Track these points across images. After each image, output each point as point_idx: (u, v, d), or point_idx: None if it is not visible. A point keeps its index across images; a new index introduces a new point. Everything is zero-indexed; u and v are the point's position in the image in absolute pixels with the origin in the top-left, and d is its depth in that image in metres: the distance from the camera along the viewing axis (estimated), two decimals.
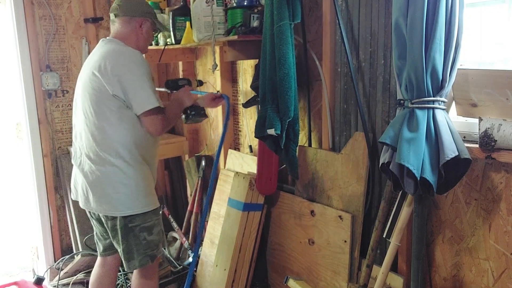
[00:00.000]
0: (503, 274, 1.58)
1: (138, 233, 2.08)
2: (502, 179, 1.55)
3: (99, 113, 2.00)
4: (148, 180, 2.11)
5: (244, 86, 2.70)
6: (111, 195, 2.03)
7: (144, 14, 2.12)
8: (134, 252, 2.10)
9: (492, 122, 1.46)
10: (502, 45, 1.62)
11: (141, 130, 2.05)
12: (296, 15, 1.97)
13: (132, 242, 2.08)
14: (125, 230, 2.07)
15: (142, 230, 2.08)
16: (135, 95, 1.97)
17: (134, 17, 2.10)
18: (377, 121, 1.90)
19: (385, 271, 1.73)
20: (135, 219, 2.06)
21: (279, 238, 2.41)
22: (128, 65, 1.98)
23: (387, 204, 1.82)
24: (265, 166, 2.36)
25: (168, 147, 3.24)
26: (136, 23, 2.10)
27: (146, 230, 2.09)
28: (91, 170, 2.05)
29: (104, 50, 2.05)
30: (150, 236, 2.11)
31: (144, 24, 2.12)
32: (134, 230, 2.07)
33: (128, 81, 1.96)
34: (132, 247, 2.09)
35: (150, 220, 2.10)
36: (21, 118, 3.12)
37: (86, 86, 2.04)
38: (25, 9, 2.97)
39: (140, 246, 2.09)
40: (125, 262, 2.14)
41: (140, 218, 2.07)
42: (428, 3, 1.41)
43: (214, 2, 2.28)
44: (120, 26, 2.11)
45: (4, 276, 3.28)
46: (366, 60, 1.91)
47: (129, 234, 2.07)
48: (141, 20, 2.11)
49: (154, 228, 2.12)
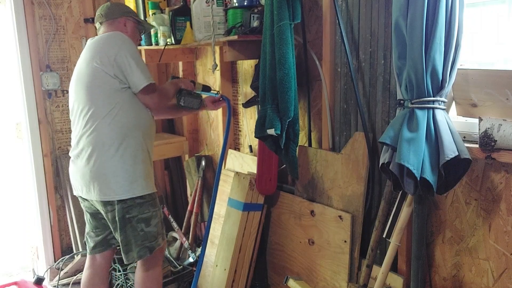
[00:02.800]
0: (503, 274, 1.58)
1: (136, 224, 2.11)
2: (502, 179, 1.55)
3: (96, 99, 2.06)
4: (146, 163, 2.15)
5: (244, 86, 2.70)
6: (111, 180, 2.06)
7: (125, 14, 2.25)
8: (132, 243, 2.13)
9: (492, 122, 1.46)
10: (502, 45, 1.62)
11: (140, 113, 2.13)
12: (296, 15, 1.97)
13: (129, 233, 2.11)
14: (123, 221, 2.10)
15: (139, 221, 2.11)
16: (132, 73, 2.06)
17: (116, 18, 2.23)
18: (377, 121, 1.90)
19: (385, 271, 1.73)
20: (132, 210, 2.10)
21: (279, 238, 2.41)
22: (119, 45, 2.08)
23: (387, 204, 1.82)
24: (265, 166, 2.36)
25: (168, 147, 3.24)
26: (119, 23, 2.23)
27: (144, 221, 2.12)
28: (89, 158, 2.08)
29: (94, 41, 2.15)
30: (148, 228, 2.13)
31: (128, 23, 2.25)
32: (131, 221, 2.10)
33: (122, 60, 2.04)
34: (130, 239, 2.12)
35: (148, 211, 2.13)
36: (21, 118, 3.12)
37: (82, 76, 2.10)
38: (25, 9, 2.97)
39: (137, 238, 2.12)
40: (124, 255, 2.17)
41: (136, 209, 2.10)
42: (428, 3, 1.41)
43: (214, 2, 2.28)
44: (105, 30, 2.23)
45: (4, 276, 3.27)
46: (366, 60, 1.91)
47: (126, 225, 2.10)
48: (123, 20, 2.24)
49: (151, 220, 2.15)
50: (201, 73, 3.13)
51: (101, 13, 2.24)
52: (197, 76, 3.18)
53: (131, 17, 2.27)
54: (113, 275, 2.84)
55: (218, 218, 2.69)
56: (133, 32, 2.27)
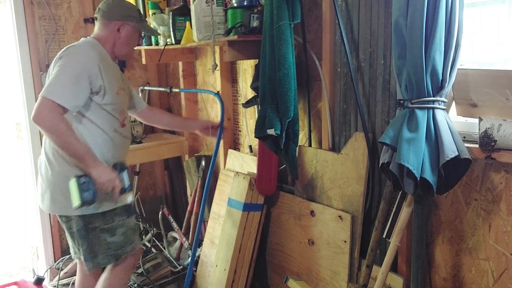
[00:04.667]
0: (503, 274, 1.58)
1: (99, 233, 2.01)
2: (502, 179, 1.54)
3: None
4: None
5: (244, 86, 2.70)
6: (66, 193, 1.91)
7: (123, 18, 2.06)
8: (97, 251, 2.03)
9: (492, 122, 1.46)
10: (502, 45, 1.61)
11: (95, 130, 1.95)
12: (296, 15, 1.97)
13: (93, 242, 2.01)
14: (85, 231, 2.00)
15: (102, 232, 2.01)
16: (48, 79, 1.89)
17: (111, 21, 2.05)
18: (377, 121, 1.90)
19: (385, 271, 1.72)
20: (94, 221, 1.99)
21: (279, 238, 2.41)
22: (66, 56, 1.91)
23: (387, 204, 1.82)
24: (265, 166, 2.36)
25: (168, 147, 3.24)
26: (113, 27, 2.05)
27: (107, 231, 2.02)
28: (46, 169, 2.01)
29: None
30: (112, 238, 2.03)
31: (123, 28, 2.06)
32: (94, 231, 2.00)
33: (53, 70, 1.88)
34: (94, 247, 2.02)
35: (112, 221, 2.02)
36: (21, 118, 3.12)
37: None
38: (25, 9, 2.97)
39: (101, 247, 2.02)
40: (86, 263, 2.05)
41: (99, 220, 2.00)
42: (428, 3, 1.41)
43: (214, 2, 2.28)
44: (98, 29, 2.09)
45: (4, 276, 3.27)
46: (366, 60, 1.90)
47: (89, 234, 2.00)
48: (119, 24, 2.05)
49: (117, 230, 2.04)
50: (201, 73, 3.13)
51: (101, 7, 2.09)
52: (197, 76, 3.18)
53: (131, 21, 2.08)
54: None
55: (218, 218, 2.69)
56: (128, 38, 2.09)
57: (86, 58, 1.91)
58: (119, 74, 2.12)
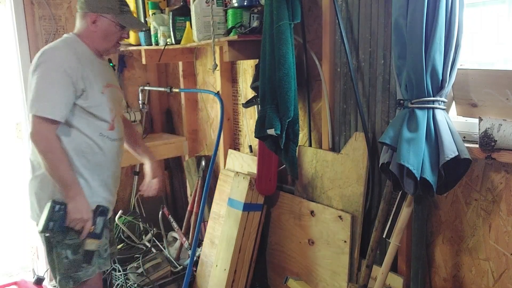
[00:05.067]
0: (503, 274, 1.58)
1: (60, 250, 1.87)
2: (502, 179, 1.54)
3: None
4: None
5: (244, 86, 2.70)
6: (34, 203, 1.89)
7: (99, 10, 1.88)
8: (56, 270, 1.90)
9: (492, 122, 1.45)
10: (502, 45, 1.61)
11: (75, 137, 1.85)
12: (296, 15, 1.97)
13: (54, 258, 1.90)
14: (48, 245, 1.90)
15: (64, 247, 1.87)
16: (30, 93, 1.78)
17: (87, 12, 1.89)
18: (377, 121, 1.90)
19: (385, 272, 1.72)
20: (57, 235, 1.87)
21: (278, 238, 2.41)
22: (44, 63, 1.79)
23: (387, 204, 1.82)
24: (265, 166, 2.36)
25: (168, 147, 3.24)
26: (88, 19, 1.89)
27: (70, 248, 1.87)
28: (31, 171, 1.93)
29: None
30: (75, 256, 1.88)
31: (99, 20, 1.89)
32: (56, 246, 1.88)
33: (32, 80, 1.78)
34: (53, 264, 1.91)
35: (76, 237, 1.87)
36: (21, 118, 3.11)
37: None
38: (25, 9, 2.97)
39: (61, 265, 1.88)
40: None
41: (62, 234, 1.86)
42: (428, 3, 1.41)
43: (214, 2, 2.27)
44: (77, 23, 1.95)
45: (4, 276, 3.27)
46: (366, 60, 1.90)
47: (52, 250, 1.89)
48: (94, 16, 1.88)
49: (81, 248, 1.88)
50: (201, 73, 3.13)
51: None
52: (197, 76, 3.18)
53: (107, 13, 1.89)
54: (113, 275, 2.83)
55: (218, 218, 2.69)
56: (105, 32, 1.91)
57: (63, 61, 1.79)
58: (105, 70, 1.99)
